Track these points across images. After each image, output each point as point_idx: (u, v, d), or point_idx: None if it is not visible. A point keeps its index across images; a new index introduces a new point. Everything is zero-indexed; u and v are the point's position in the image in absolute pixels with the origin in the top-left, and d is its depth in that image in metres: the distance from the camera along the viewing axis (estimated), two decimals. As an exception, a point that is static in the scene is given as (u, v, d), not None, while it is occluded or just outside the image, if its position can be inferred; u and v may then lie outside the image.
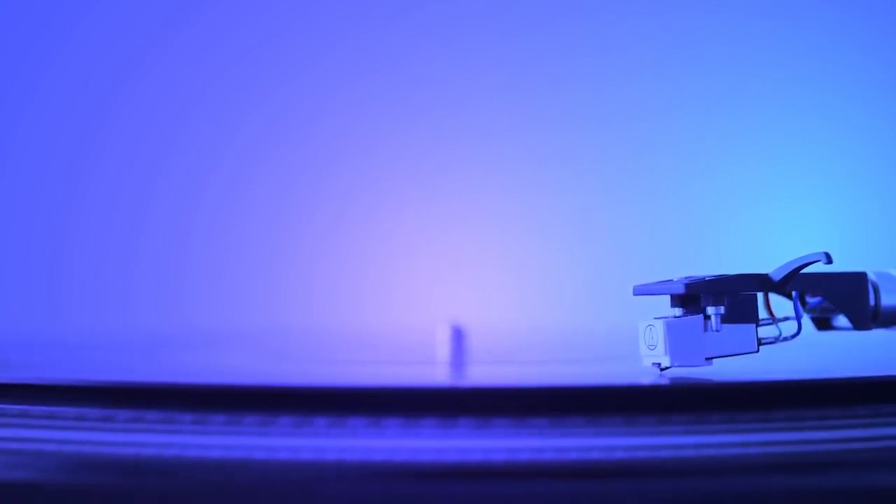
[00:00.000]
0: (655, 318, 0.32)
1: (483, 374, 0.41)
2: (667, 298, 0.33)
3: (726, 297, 0.32)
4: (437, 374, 0.40)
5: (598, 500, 0.25)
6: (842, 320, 0.35)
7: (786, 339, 0.33)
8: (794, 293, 0.33)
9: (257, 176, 0.81)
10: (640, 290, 0.33)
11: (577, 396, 0.28)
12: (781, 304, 0.33)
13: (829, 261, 0.32)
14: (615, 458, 0.26)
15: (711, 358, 0.32)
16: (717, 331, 0.32)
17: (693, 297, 0.32)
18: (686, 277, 0.33)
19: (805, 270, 0.33)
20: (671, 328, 0.32)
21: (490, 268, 0.80)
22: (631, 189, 0.80)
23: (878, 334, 0.35)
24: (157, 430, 0.27)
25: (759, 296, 0.33)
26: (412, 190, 0.80)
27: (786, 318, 0.33)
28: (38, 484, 0.26)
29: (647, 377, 0.32)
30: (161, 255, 0.81)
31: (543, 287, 0.79)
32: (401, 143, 0.80)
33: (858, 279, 0.34)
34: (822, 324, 0.36)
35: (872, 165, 0.78)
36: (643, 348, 0.33)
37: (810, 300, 0.35)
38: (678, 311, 0.33)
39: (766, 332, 0.33)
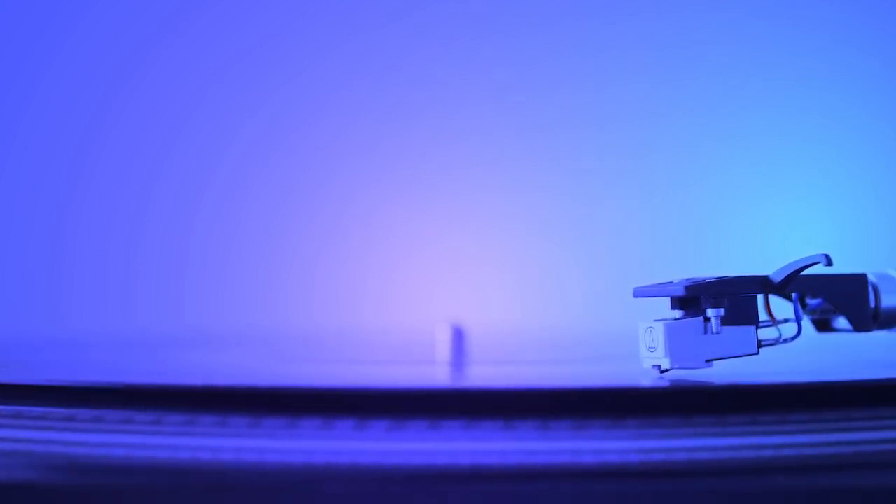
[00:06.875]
0: (655, 320, 0.32)
1: (482, 375, 0.40)
2: (667, 299, 0.33)
3: (726, 299, 0.32)
4: (448, 375, 0.40)
5: (611, 501, 0.25)
6: (842, 322, 0.35)
7: (786, 340, 0.33)
8: (794, 295, 0.33)
9: (258, 176, 0.81)
10: (640, 293, 0.33)
11: (595, 398, 0.28)
12: (781, 306, 0.33)
13: (829, 262, 0.32)
14: (631, 460, 0.26)
15: (711, 360, 0.32)
16: (717, 333, 0.32)
17: (693, 299, 0.32)
18: (686, 279, 0.33)
19: (805, 272, 0.33)
20: (671, 330, 0.32)
21: (490, 268, 0.80)
22: (631, 189, 0.79)
23: (878, 336, 0.35)
24: (173, 433, 0.27)
25: (760, 298, 0.33)
26: (412, 190, 0.80)
27: (786, 320, 0.33)
28: (53, 486, 0.26)
29: (647, 379, 0.32)
30: (160, 256, 0.81)
31: (543, 287, 0.79)
32: (401, 143, 0.80)
33: (858, 281, 0.34)
34: (823, 325, 0.36)
35: (872, 165, 0.78)
36: (643, 350, 0.33)
37: (810, 302, 0.35)
38: (678, 313, 0.33)
39: (766, 333, 0.33)
